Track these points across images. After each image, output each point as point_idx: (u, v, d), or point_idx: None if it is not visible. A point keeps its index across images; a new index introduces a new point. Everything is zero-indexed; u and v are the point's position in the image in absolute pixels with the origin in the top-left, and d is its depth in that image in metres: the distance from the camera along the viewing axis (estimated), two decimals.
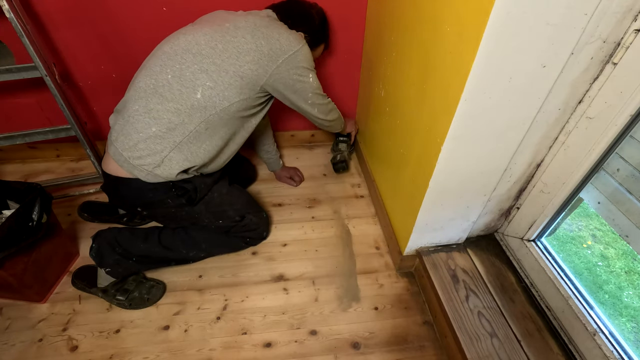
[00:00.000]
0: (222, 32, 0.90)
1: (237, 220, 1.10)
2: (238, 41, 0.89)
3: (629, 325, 1.43)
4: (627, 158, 0.72)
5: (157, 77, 0.87)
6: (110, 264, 1.00)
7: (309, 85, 1.01)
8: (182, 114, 0.87)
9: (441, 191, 0.88)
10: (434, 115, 0.80)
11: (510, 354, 0.84)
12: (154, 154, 0.87)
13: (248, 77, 0.90)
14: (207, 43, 0.88)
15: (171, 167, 0.90)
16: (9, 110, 1.33)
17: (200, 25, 0.94)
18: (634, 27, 0.63)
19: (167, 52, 0.89)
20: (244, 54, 0.89)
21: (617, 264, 1.64)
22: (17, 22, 0.96)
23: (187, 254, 1.10)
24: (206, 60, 0.87)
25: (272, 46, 0.90)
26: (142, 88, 0.88)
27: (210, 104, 0.89)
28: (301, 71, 0.97)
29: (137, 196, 0.94)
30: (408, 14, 0.91)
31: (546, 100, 0.71)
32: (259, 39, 0.90)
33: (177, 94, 0.87)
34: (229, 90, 0.89)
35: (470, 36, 0.61)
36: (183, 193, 0.96)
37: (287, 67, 0.93)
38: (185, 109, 0.87)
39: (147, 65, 0.91)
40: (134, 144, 0.86)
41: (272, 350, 0.95)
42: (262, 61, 0.90)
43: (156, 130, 0.87)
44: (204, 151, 0.93)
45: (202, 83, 0.87)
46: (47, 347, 0.94)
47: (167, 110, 0.87)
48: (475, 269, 1.02)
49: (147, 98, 0.87)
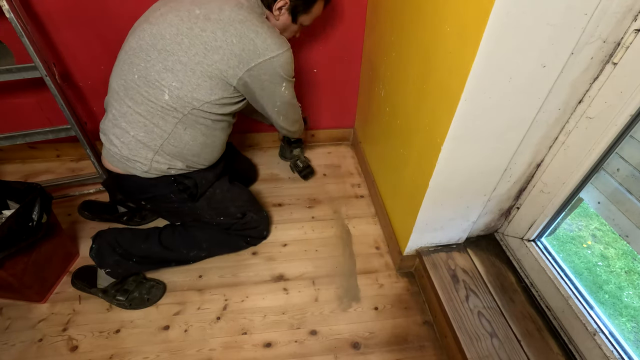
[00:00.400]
0: (190, 22, 0.81)
1: (238, 217, 1.10)
2: (207, 37, 0.80)
3: (629, 325, 1.43)
4: (627, 158, 0.72)
5: (126, 77, 0.84)
6: (110, 265, 1.00)
7: (279, 94, 0.94)
8: (155, 117, 0.84)
9: (441, 191, 0.88)
10: (434, 115, 0.80)
11: (510, 354, 0.84)
12: (140, 159, 0.88)
13: (217, 77, 0.83)
14: (172, 37, 0.81)
15: (162, 169, 0.91)
16: (9, 110, 1.33)
17: (169, 9, 0.84)
18: (634, 27, 0.63)
19: (133, 48, 0.84)
20: (212, 51, 0.81)
21: (617, 264, 1.64)
22: (17, 22, 0.96)
23: (187, 254, 1.10)
24: (171, 58, 0.81)
25: (245, 46, 0.81)
26: (114, 89, 0.86)
27: (179, 105, 0.84)
28: (275, 78, 0.89)
29: (140, 191, 0.95)
30: (408, 14, 0.91)
31: (546, 100, 0.71)
32: (231, 36, 0.80)
33: (146, 95, 0.83)
34: (197, 92, 0.83)
35: (470, 36, 0.61)
36: (184, 188, 0.96)
37: (259, 72, 0.85)
38: (156, 111, 0.84)
39: (118, 61, 0.88)
40: (119, 149, 0.87)
41: (272, 350, 0.95)
42: (231, 62, 0.82)
43: (134, 134, 0.85)
44: (189, 150, 0.92)
45: (169, 84, 0.82)
46: (47, 347, 0.94)
47: (139, 114, 0.84)
48: (475, 269, 1.02)
49: (120, 100, 0.85)
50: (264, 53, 0.83)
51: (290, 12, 0.94)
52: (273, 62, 0.85)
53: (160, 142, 0.87)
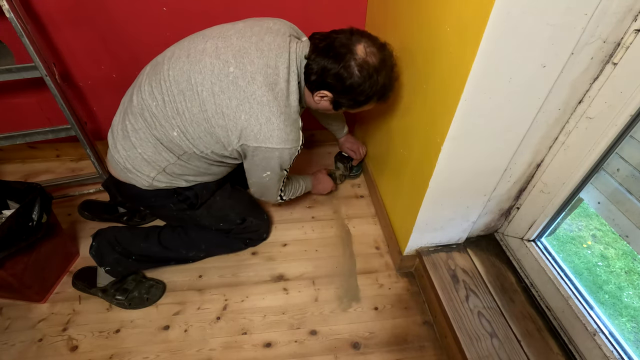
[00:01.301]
0: (218, 78, 0.77)
1: (238, 222, 1.10)
2: (222, 100, 0.78)
3: (629, 325, 1.43)
4: (627, 158, 0.72)
5: (145, 99, 0.82)
6: (110, 263, 1.00)
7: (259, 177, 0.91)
8: (162, 145, 0.84)
9: (441, 191, 0.88)
10: (434, 115, 0.80)
11: (510, 354, 0.84)
12: (143, 174, 0.88)
13: (216, 138, 0.82)
14: (195, 85, 0.78)
15: (163, 186, 0.91)
16: (9, 110, 1.33)
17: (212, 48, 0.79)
18: (634, 27, 0.63)
19: (162, 75, 0.81)
20: (219, 115, 0.79)
21: (617, 264, 1.64)
22: (17, 22, 0.96)
23: (186, 254, 1.10)
24: (185, 104, 0.79)
25: (249, 126, 0.78)
26: (133, 103, 0.84)
27: (185, 144, 0.84)
28: (262, 163, 0.85)
29: (139, 200, 0.96)
30: (408, 14, 0.91)
31: (546, 100, 0.71)
32: (242, 112, 0.78)
33: (159, 124, 0.82)
34: (198, 142, 0.83)
35: (470, 36, 0.61)
36: (184, 199, 0.96)
37: (251, 152, 0.83)
38: (164, 141, 0.84)
39: (146, 77, 0.84)
40: (124, 159, 0.87)
41: (272, 350, 0.95)
42: (232, 133, 0.80)
43: (141, 152, 0.85)
44: (192, 173, 0.92)
45: (177, 124, 0.81)
46: (47, 347, 0.94)
47: (150, 137, 0.84)
48: (475, 269, 1.02)
49: (135, 117, 0.84)
50: (263, 141, 0.80)
51: (332, 104, 0.88)
52: (267, 152, 0.82)
53: (164, 165, 0.87)
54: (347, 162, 1.42)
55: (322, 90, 0.83)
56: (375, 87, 0.81)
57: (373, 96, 0.84)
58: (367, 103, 0.86)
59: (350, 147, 1.39)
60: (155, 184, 0.89)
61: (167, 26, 1.20)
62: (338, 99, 0.85)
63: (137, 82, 0.88)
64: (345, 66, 0.78)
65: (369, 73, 0.79)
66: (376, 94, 0.84)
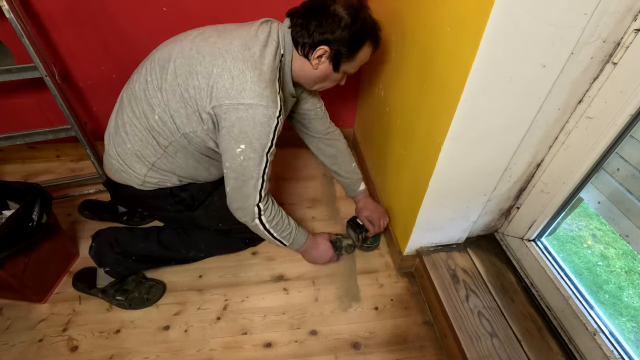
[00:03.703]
0: (198, 44, 0.77)
1: (237, 222, 1.09)
2: (195, 59, 0.75)
3: (629, 325, 1.43)
4: (627, 158, 0.72)
5: (134, 88, 0.82)
6: (110, 264, 1.00)
7: (232, 155, 0.78)
8: (149, 134, 0.82)
9: (441, 191, 0.88)
10: (433, 116, 0.80)
11: (511, 354, 0.84)
12: (135, 173, 0.87)
13: (192, 106, 0.76)
14: (174, 55, 0.77)
15: (156, 183, 0.90)
16: (9, 110, 1.33)
17: (201, 30, 0.82)
18: (634, 26, 0.63)
19: (149, 61, 0.82)
20: (193, 75, 0.74)
21: (617, 263, 1.64)
22: (17, 22, 0.96)
23: (186, 254, 1.10)
24: (164, 76, 0.77)
25: (220, 79, 0.73)
26: (123, 97, 0.86)
27: (167, 128, 0.80)
28: (233, 132, 0.75)
29: (136, 201, 0.96)
30: (408, 14, 0.91)
31: (546, 100, 0.71)
32: (214, 66, 0.73)
33: (141, 110, 0.80)
34: (177, 118, 0.78)
35: (470, 36, 0.61)
36: (180, 200, 0.95)
37: (223, 115, 0.74)
38: (149, 129, 0.81)
39: (134, 72, 0.86)
40: (117, 157, 0.87)
41: (272, 350, 0.95)
42: (204, 92, 0.74)
43: (130, 147, 0.84)
44: (182, 170, 0.90)
45: (158, 104, 0.78)
46: (47, 348, 0.94)
47: (137, 127, 0.82)
48: (476, 268, 1.02)
49: (124, 109, 0.84)
50: (234, 96, 0.72)
51: (332, 61, 0.82)
52: (239, 110, 0.73)
53: (153, 159, 0.85)
54: (361, 231, 1.16)
55: (318, 47, 0.79)
56: (365, 23, 0.80)
57: (367, 33, 0.81)
58: (363, 44, 0.82)
59: (368, 216, 1.15)
60: (149, 181, 0.89)
61: (167, 26, 1.20)
62: (336, 49, 0.80)
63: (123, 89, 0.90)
64: (331, 12, 0.76)
65: (355, 9, 0.78)
66: (369, 31, 0.82)
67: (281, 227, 0.93)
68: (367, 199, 1.18)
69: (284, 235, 0.94)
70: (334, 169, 1.16)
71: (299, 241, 0.99)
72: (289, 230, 0.95)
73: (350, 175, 1.16)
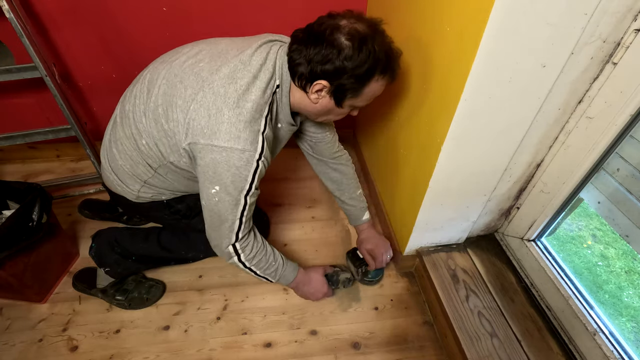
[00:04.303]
0: (184, 70, 0.71)
1: None
2: (178, 90, 0.69)
3: (629, 325, 1.43)
4: (627, 158, 0.72)
5: (125, 107, 0.78)
6: (110, 264, 1.00)
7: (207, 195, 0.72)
8: (137, 156, 0.79)
9: (441, 191, 0.88)
10: (434, 115, 0.80)
11: (511, 354, 0.84)
12: (129, 188, 0.85)
13: (170, 138, 0.71)
14: (158, 80, 0.73)
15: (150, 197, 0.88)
16: (9, 110, 1.33)
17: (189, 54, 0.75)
18: (634, 27, 0.63)
19: (141, 79, 0.78)
20: (172, 108, 0.69)
21: (617, 263, 1.64)
22: (17, 22, 0.96)
23: (186, 255, 1.10)
24: (148, 102, 0.73)
25: (197, 116, 0.66)
26: (116, 113, 0.82)
27: (153, 154, 0.76)
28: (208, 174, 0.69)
29: (134, 210, 0.95)
30: (408, 14, 0.91)
31: (546, 100, 0.71)
32: (193, 101, 0.67)
33: (131, 132, 0.77)
34: (160, 146, 0.74)
35: (470, 36, 0.61)
36: (176, 211, 0.94)
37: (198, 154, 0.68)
38: (138, 151, 0.78)
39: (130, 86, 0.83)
40: (110, 171, 0.86)
41: (272, 350, 0.95)
42: (181, 127, 0.69)
43: (122, 164, 0.82)
44: (174, 187, 0.87)
45: (144, 129, 0.74)
46: (47, 347, 0.94)
47: (126, 147, 0.79)
48: (476, 269, 1.02)
49: (117, 126, 0.81)
50: (209, 136, 0.66)
51: (333, 96, 0.72)
52: (213, 151, 0.66)
53: (145, 177, 0.82)
54: (361, 264, 1.08)
55: (315, 80, 0.69)
56: (373, 55, 0.67)
57: (375, 66, 0.68)
58: (372, 78, 0.70)
59: (370, 250, 1.05)
60: (143, 196, 0.86)
61: (167, 26, 1.20)
62: (337, 84, 0.69)
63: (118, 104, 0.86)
64: (331, 40, 0.65)
65: (361, 39, 0.65)
66: (378, 63, 0.68)
67: (265, 265, 0.85)
68: (370, 229, 1.09)
69: (269, 273, 0.87)
70: (337, 195, 1.10)
71: (287, 277, 0.91)
72: (274, 267, 0.87)
73: (354, 202, 1.08)
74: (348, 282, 1.06)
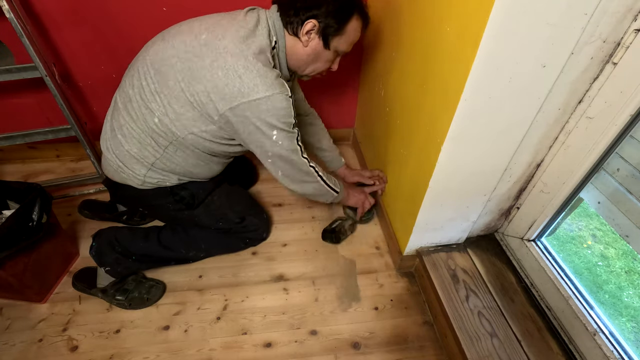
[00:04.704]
0: (191, 45, 0.77)
1: (237, 222, 1.10)
2: (196, 63, 0.75)
3: (629, 325, 1.43)
4: (627, 158, 0.72)
5: (127, 91, 0.83)
6: (110, 263, 1.00)
7: (270, 144, 0.82)
8: (147, 136, 0.83)
9: (441, 191, 0.88)
10: (434, 115, 0.80)
11: (511, 354, 0.84)
12: (134, 173, 0.88)
13: (199, 108, 0.78)
14: (169, 59, 0.78)
15: (156, 183, 0.91)
16: (9, 110, 1.33)
17: (188, 26, 0.81)
18: (634, 27, 0.63)
19: (139, 61, 0.83)
20: (197, 80, 0.75)
21: (617, 263, 1.64)
22: (17, 22, 0.96)
23: (186, 254, 1.10)
24: (162, 81, 0.78)
25: (229, 81, 0.74)
26: (117, 100, 0.86)
27: (168, 130, 0.81)
28: (263, 125, 0.78)
29: (137, 200, 0.96)
30: (408, 14, 0.91)
31: (546, 100, 0.71)
32: (217, 68, 0.74)
33: (139, 114, 0.82)
34: (180, 120, 0.80)
35: (470, 36, 0.61)
36: (180, 199, 0.96)
37: (244, 113, 0.76)
38: (149, 131, 0.83)
39: (126, 73, 0.87)
40: (115, 158, 0.88)
41: (272, 350, 0.95)
42: (213, 95, 0.75)
43: (128, 148, 0.85)
44: (181, 169, 0.91)
45: (157, 107, 0.80)
46: (47, 347, 0.94)
47: (134, 130, 0.83)
48: (476, 269, 1.02)
49: (120, 112, 0.85)
50: (249, 93, 0.74)
51: (321, 35, 0.83)
52: (260, 104, 0.75)
53: (152, 159, 0.86)
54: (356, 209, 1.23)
55: (306, 21, 0.80)
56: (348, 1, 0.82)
57: (353, 5, 0.83)
58: (351, 16, 0.83)
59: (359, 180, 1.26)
60: (148, 182, 0.89)
61: (167, 26, 1.19)
62: (324, 23, 0.81)
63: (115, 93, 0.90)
64: None
65: None
66: (355, 3, 0.83)
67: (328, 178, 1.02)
68: (349, 168, 1.30)
69: (335, 182, 1.05)
70: (317, 145, 1.26)
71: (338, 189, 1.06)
72: (334, 180, 1.05)
73: (332, 149, 1.28)
74: (353, 226, 1.26)
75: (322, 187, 1.00)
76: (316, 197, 1.04)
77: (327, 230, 1.23)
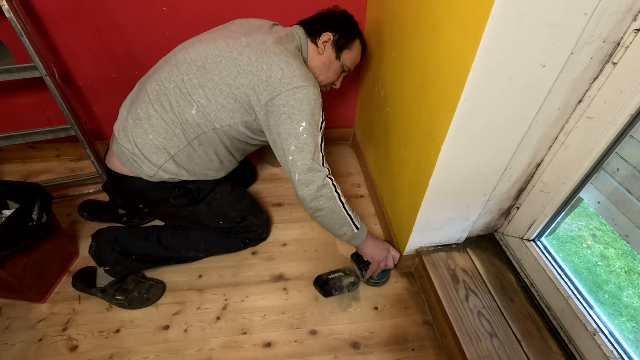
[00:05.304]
0: (234, 47, 0.86)
1: (238, 221, 1.10)
2: (242, 60, 0.84)
3: (629, 325, 1.43)
4: (627, 158, 0.72)
5: (163, 84, 0.87)
6: (110, 263, 1.00)
7: (296, 134, 0.84)
8: (177, 127, 0.88)
9: (441, 191, 0.88)
10: (434, 115, 0.80)
11: (510, 354, 0.84)
12: (150, 163, 0.89)
13: (242, 101, 0.86)
14: (213, 58, 0.86)
15: (167, 178, 0.92)
16: (9, 110, 1.33)
17: (221, 33, 0.91)
18: (634, 27, 0.63)
19: (178, 60, 0.88)
20: (243, 75, 0.84)
21: (617, 264, 1.64)
22: (17, 22, 0.96)
23: (186, 254, 1.10)
24: (207, 76, 0.85)
25: (273, 74, 0.83)
26: (147, 93, 0.89)
27: (203, 122, 0.88)
28: (294, 113, 0.84)
29: (140, 195, 0.96)
30: (408, 14, 0.91)
31: (546, 100, 0.71)
32: (263, 63, 0.84)
33: (176, 106, 0.86)
34: (221, 112, 0.87)
35: (470, 36, 0.61)
36: (186, 193, 0.97)
37: (280, 103, 0.83)
38: (181, 122, 0.87)
39: (159, 68, 0.91)
40: (133, 148, 0.88)
41: (272, 350, 0.95)
42: (258, 87, 0.84)
43: (153, 138, 0.87)
44: (197, 165, 0.94)
45: (198, 100, 0.86)
46: (47, 347, 0.94)
47: (164, 121, 0.87)
48: (475, 269, 1.02)
49: (150, 104, 0.88)
50: (289, 83, 0.83)
51: (334, 47, 1.00)
52: (296, 93, 0.83)
53: (174, 151, 0.89)
54: (366, 268, 1.05)
55: (324, 32, 0.98)
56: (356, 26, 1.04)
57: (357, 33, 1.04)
58: (357, 38, 1.04)
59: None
60: (161, 174, 0.90)
61: (167, 26, 1.20)
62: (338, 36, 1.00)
63: (149, 75, 0.94)
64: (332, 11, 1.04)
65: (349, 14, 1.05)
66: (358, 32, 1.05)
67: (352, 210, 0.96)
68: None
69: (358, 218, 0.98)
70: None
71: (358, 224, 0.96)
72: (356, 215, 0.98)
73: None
74: (352, 286, 1.02)
75: (340, 210, 0.91)
76: (331, 223, 0.93)
77: (321, 278, 1.03)
